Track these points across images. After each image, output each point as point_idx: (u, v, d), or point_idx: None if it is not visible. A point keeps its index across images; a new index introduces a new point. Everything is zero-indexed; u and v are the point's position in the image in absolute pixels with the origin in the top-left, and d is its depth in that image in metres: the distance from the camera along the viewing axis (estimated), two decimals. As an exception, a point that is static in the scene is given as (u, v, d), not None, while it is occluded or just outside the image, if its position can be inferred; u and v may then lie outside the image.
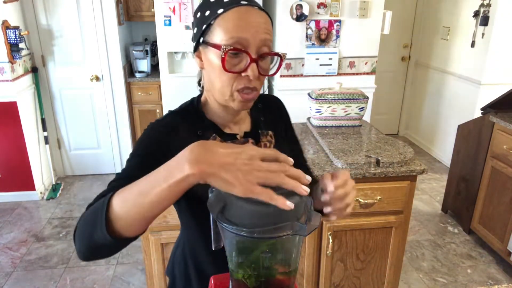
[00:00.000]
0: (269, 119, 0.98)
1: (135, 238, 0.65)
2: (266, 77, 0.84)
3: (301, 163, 1.07)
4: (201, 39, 0.80)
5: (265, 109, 0.99)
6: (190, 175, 0.56)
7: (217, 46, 0.76)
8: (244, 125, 0.93)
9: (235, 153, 0.57)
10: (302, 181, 0.57)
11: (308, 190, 0.56)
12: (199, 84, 0.95)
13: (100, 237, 0.61)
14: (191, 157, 0.56)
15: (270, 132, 0.94)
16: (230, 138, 0.89)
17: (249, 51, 0.76)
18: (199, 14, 0.81)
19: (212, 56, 0.78)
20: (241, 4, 0.77)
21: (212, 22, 0.77)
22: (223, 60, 0.75)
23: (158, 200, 0.59)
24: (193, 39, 0.85)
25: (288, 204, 0.54)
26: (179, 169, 0.57)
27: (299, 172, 0.58)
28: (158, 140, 0.82)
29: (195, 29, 0.82)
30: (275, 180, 0.55)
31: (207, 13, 0.79)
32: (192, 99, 0.93)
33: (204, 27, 0.79)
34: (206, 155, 0.56)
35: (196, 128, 0.87)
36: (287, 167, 0.57)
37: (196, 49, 0.84)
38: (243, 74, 0.77)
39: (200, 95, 0.93)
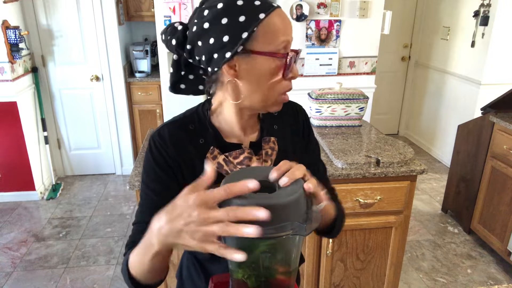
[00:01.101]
0: (285, 126, 0.94)
1: (162, 281, 0.76)
2: None
3: (318, 173, 0.97)
4: (240, 48, 0.74)
5: (281, 117, 0.95)
6: (158, 251, 0.62)
7: (269, 54, 0.75)
8: (252, 134, 0.90)
9: (177, 217, 0.56)
10: (253, 217, 0.53)
11: (257, 232, 0.53)
12: (208, 93, 0.90)
13: None
14: (155, 232, 0.60)
15: (272, 139, 0.90)
16: (233, 147, 0.86)
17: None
18: (226, 20, 0.73)
19: (260, 64, 0.76)
20: (275, 7, 0.76)
21: (255, 29, 0.73)
22: (286, 66, 0.76)
23: (153, 266, 0.68)
24: (220, 50, 0.75)
25: (236, 257, 0.54)
26: (151, 245, 0.62)
27: (248, 211, 0.53)
28: (159, 163, 0.82)
29: (225, 37, 0.73)
30: (218, 233, 0.54)
31: (242, 19, 0.73)
32: (199, 106, 0.89)
33: (246, 35, 0.73)
34: (161, 228, 0.58)
35: (199, 136, 0.85)
36: (232, 212, 0.53)
37: (229, 59, 0.75)
38: (288, 76, 0.79)
39: (209, 102, 0.88)
